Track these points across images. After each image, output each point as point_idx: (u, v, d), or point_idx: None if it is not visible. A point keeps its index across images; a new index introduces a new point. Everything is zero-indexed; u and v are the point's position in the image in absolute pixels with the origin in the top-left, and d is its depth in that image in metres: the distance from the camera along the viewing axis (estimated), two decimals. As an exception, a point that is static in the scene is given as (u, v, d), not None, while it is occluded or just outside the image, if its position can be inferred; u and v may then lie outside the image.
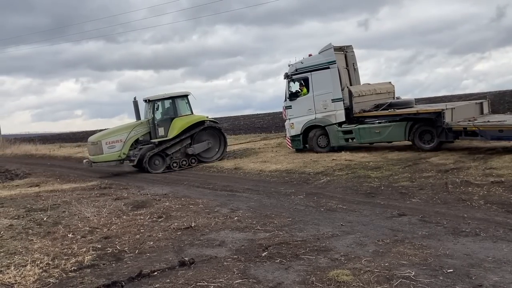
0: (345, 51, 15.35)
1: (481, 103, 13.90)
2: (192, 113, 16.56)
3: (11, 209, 9.55)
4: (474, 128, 11.19)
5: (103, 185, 12.65)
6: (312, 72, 14.55)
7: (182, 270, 5.08)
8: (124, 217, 8.14)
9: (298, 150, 15.18)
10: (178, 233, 6.76)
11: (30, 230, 7.50)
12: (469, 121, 11.91)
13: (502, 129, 10.70)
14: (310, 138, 14.71)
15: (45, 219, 8.31)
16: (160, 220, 7.72)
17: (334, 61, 14.20)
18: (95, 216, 8.30)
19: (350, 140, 14.20)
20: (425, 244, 5.38)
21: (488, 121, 11.43)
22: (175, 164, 15.82)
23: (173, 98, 16.29)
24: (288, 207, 8.15)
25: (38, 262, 5.61)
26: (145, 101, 16.50)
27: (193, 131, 16.03)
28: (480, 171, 9.17)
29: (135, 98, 16.54)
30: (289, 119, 15.23)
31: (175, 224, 7.30)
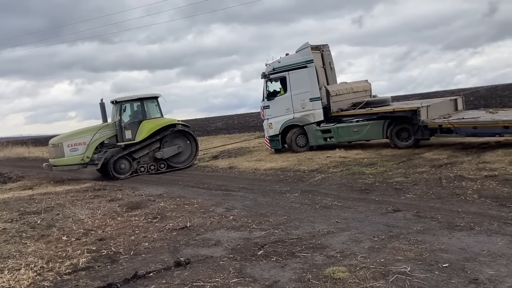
0: (321, 50, 15.38)
1: (455, 99, 14.10)
2: (162, 116, 15.93)
3: (4, 212, 9.46)
4: (449, 125, 11.33)
5: (97, 187, 12.57)
6: (289, 72, 14.49)
7: (178, 271, 5.05)
8: (119, 218, 8.10)
9: (277, 151, 15.05)
10: (174, 233, 6.73)
11: (23, 234, 7.43)
12: (444, 118, 12.07)
13: (476, 125, 10.85)
14: (289, 138, 14.60)
15: (38, 222, 8.24)
16: (155, 220, 7.68)
17: (312, 60, 14.21)
18: (90, 218, 8.24)
19: (328, 139, 14.17)
20: (420, 239, 5.39)
21: (463, 118, 11.58)
22: (142, 169, 15.24)
23: (141, 100, 15.62)
24: (283, 205, 8.14)
25: (32, 266, 5.56)
26: (112, 102, 15.83)
27: (163, 135, 15.42)
28: (473, 166, 9.22)
29: (102, 100, 15.86)
30: (267, 119, 15.10)
31: (170, 224, 7.27)
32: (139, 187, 12.11)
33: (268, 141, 15.40)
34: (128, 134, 15.23)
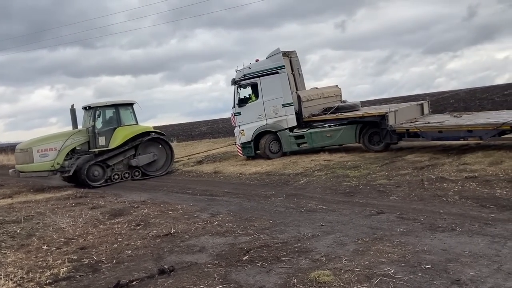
0: (289, 56, 15.43)
1: (422, 104, 14.45)
2: (137, 123, 15.65)
3: (-18, 222, 9.20)
4: (415, 130, 11.59)
5: (79, 194, 12.35)
6: (261, 78, 14.46)
7: (162, 278, 4.98)
8: (101, 226, 7.96)
9: (249, 158, 14.96)
10: (157, 240, 6.64)
11: (3, 243, 7.23)
12: (411, 123, 12.34)
13: (441, 130, 11.11)
14: (262, 145, 14.54)
15: (18, 231, 8.04)
16: (138, 228, 7.58)
17: (283, 65, 14.26)
18: (71, 226, 8.08)
19: (302, 145, 14.20)
20: (403, 241, 5.44)
21: (428, 123, 11.86)
22: (116, 176, 14.92)
23: (116, 106, 15.29)
24: (268, 209, 8.13)
25: (12, 276, 5.41)
26: (85, 108, 15.42)
27: (137, 142, 15.14)
28: (454, 167, 9.38)
29: (72, 106, 15.29)
30: (239, 126, 15.01)
31: (154, 231, 7.17)
32: (122, 194, 11.94)
33: (240, 148, 15.26)
34: (101, 140, 14.80)
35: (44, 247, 6.78)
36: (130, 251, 6.19)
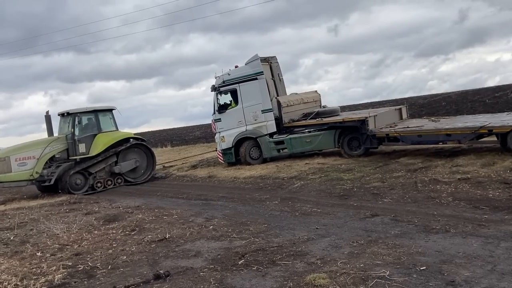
0: (270, 62, 15.47)
1: (400, 109, 14.58)
2: (117, 129, 15.37)
3: (-26, 229, 9.10)
4: (395, 134, 11.69)
5: (73, 200, 12.25)
6: (240, 84, 14.46)
7: (158, 284, 4.97)
8: (96, 232, 7.92)
9: (230, 164, 14.93)
10: (152, 245, 6.62)
11: (-5, 251, 7.16)
12: (391, 127, 12.46)
13: (420, 134, 11.24)
14: (242, 151, 14.54)
15: (12, 238, 7.97)
16: (133, 233, 7.55)
17: (262, 71, 14.27)
18: (65, 232, 8.02)
19: (282, 151, 14.20)
20: (398, 243, 5.48)
21: (408, 127, 11.98)
22: (99, 184, 14.53)
23: (95, 112, 14.96)
24: (263, 213, 8.14)
25: (6, 284, 5.36)
26: (62, 115, 14.99)
27: (119, 149, 14.86)
28: (447, 169, 9.46)
29: (47, 112, 15.02)
30: (219, 132, 15.00)
31: (149, 236, 7.15)
32: (116, 199, 11.88)
33: (221, 154, 15.24)
34: (81, 148, 14.40)
35: (38, 254, 6.73)
36: (125, 257, 6.16)
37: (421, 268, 4.59)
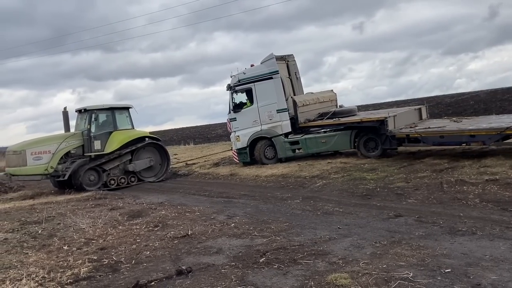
0: (286, 60, 15.32)
1: (420, 108, 14.16)
2: (133, 127, 15.49)
3: (5, 222, 9.43)
4: (416, 135, 11.39)
5: (98, 196, 12.55)
6: (255, 83, 14.39)
7: (180, 279, 5.03)
8: (120, 227, 8.08)
9: (245, 164, 14.89)
10: (175, 241, 6.71)
11: (25, 244, 7.41)
12: (411, 128, 12.13)
13: (443, 135, 10.90)
14: (257, 150, 14.48)
15: (40, 231, 8.22)
16: (156, 229, 7.67)
17: (277, 71, 14.16)
18: (91, 227, 8.23)
19: (297, 151, 14.07)
20: (422, 245, 5.38)
21: (429, 127, 11.64)
22: (112, 181, 14.63)
23: (112, 109, 15.09)
24: (284, 211, 8.13)
25: (34, 276, 5.53)
26: (79, 111, 15.19)
27: (134, 147, 14.95)
28: (474, 170, 9.21)
29: (65, 108, 15.26)
30: (234, 131, 14.96)
31: (172, 232, 7.25)
32: (140, 196, 12.10)
33: (236, 154, 15.22)
34: (97, 144, 14.50)
35: (65, 247, 6.92)
36: (148, 252, 6.27)
37: (446, 271, 4.49)
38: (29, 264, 6.15)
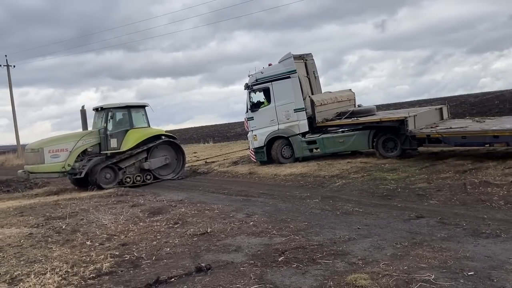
0: (305, 59, 15.18)
1: (441, 108, 13.80)
2: (149, 126, 15.52)
3: (30, 217, 9.72)
4: (437, 135, 11.13)
5: (120, 192, 12.78)
6: (272, 82, 14.32)
7: (199, 276, 5.08)
8: (141, 223, 8.21)
9: (262, 163, 14.83)
10: (194, 239, 6.78)
11: (49, 238, 7.61)
12: (432, 128, 11.85)
13: (465, 135, 10.62)
14: (274, 150, 14.42)
15: (63, 227, 8.43)
16: (176, 226, 7.76)
17: (295, 70, 14.05)
18: (113, 223, 8.39)
19: (314, 150, 13.95)
20: (444, 247, 5.28)
21: (451, 128, 11.35)
22: (128, 179, 14.70)
23: (128, 108, 15.17)
24: (303, 211, 8.11)
25: (58, 270, 5.68)
26: (96, 109, 15.34)
27: (150, 145, 14.98)
28: (499, 171, 8.98)
29: (83, 107, 15.36)
30: (252, 130, 14.93)
31: (191, 230, 7.32)
32: (160, 193, 12.26)
33: (253, 153, 15.21)
34: (113, 142, 14.59)
35: (88, 243, 7.07)
36: (168, 249, 6.35)
37: (468, 273, 4.40)
38: (53, 258, 6.32)
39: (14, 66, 38.51)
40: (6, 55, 38.94)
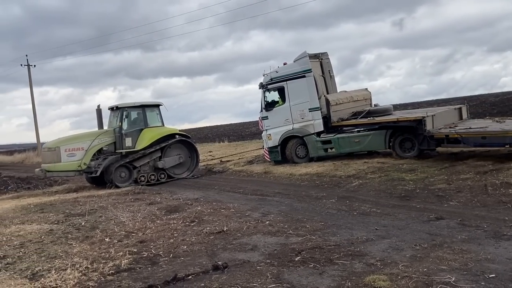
0: (320, 58, 15.00)
1: (460, 108, 13.47)
2: (163, 125, 15.63)
3: (51, 214, 9.91)
4: (456, 135, 10.87)
5: (137, 190, 12.93)
6: (287, 81, 14.20)
7: (216, 274, 5.11)
8: (158, 221, 8.29)
9: (276, 162, 14.73)
10: (211, 237, 6.82)
11: (69, 235, 7.75)
12: (450, 128, 11.58)
13: (485, 135, 10.36)
14: (289, 149, 14.31)
15: (83, 223, 8.57)
16: (192, 224, 7.81)
17: (310, 69, 13.90)
18: (130, 220, 8.49)
19: (329, 150, 13.78)
20: (465, 249, 5.19)
21: (470, 128, 11.09)
22: (142, 178, 14.77)
23: (143, 107, 15.29)
24: (320, 211, 8.07)
25: (78, 266, 5.78)
26: (111, 109, 15.47)
27: (164, 144, 15.08)
28: (521, 172, 8.77)
29: (98, 106, 15.38)
30: (266, 130, 14.83)
31: (208, 228, 7.36)
32: (176, 191, 12.35)
33: (267, 152, 15.12)
34: (128, 141, 14.71)
35: (107, 240, 7.18)
36: (185, 247, 6.40)
37: (490, 276, 4.31)
38: (73, 254, 6.43)
39: (34, 65, 39.38)
40: (26, 55, 39.93)
